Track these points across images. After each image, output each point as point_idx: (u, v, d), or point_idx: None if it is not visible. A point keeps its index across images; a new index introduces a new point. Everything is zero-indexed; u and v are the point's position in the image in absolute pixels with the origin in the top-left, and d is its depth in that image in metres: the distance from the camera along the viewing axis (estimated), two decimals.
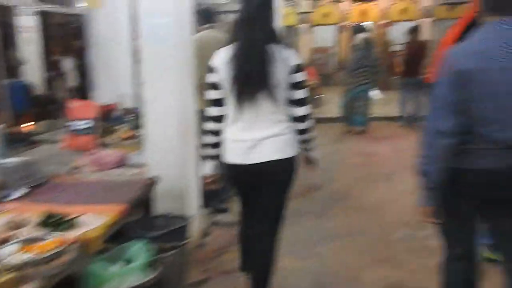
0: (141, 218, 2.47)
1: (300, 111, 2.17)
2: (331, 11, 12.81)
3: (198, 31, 3.62)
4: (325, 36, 13.62)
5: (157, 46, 2.79)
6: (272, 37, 2.11)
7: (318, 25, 13.27)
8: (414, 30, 7.54)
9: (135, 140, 3.44)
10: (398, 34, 12.74)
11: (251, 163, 2.14)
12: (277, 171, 2.19)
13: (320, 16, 12.92)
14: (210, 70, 2.16)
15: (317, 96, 9.02)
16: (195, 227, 3.03)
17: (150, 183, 2.56)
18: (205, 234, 3.35)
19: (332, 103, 8.73)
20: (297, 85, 2.13)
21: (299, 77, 2.13)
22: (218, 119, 2.20)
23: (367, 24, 14.03)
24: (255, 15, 2.09)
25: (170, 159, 2.83)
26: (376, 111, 7.68)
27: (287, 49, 2.13)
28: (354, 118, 7.14)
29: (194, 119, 3.11)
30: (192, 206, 3.08)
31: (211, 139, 2.25)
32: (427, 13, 11.98)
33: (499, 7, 1.68)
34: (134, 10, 3.52)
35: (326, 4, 12.22)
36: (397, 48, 10.66)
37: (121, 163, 2.87)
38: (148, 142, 2.89)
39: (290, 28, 13.18)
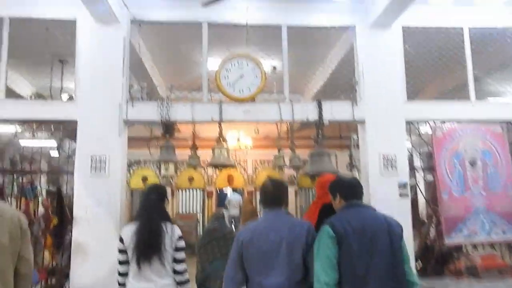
0: None
1: (180, 267, 3.12)
2: (195, 175, 12.16)
3: None
4: (190, 201, 12.79)
5: None
6: (164, 217, 3.17)
7: (182, 189, 12.45)
8: None
9: None
10: None
11: None
12: None
13: (184, 179, 12.16)
14: (120, 239, 3.15)
15: None
16: None
17: None
18: None
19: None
20: (179, 249, 3.12)
21: (181, 244, 3.14)
22: (124, 274, 3.12)
23: (233, 191, 13.89)
24: (152, 203, 3.19)
25: None
26: None
27: (173, 226, 3.17)
28: None
29: None
30: None
31: None
32: (291, 182, 11.95)
33: (265, 203, 2.91)
34: None
35: (189, 169, 11.51)
36: None
37: None
38: None
39: None
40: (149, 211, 3.11)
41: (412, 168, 5.38)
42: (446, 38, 5.53)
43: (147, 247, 2.99)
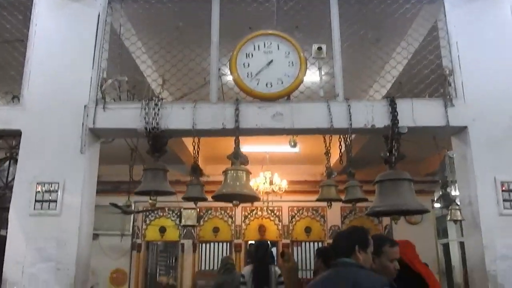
0: None
1: None
2: (221, 225, 10.25)
3: None
4: (214, 257, 10.69)
5: None
6: (271, 261, 5.34)
7: (205, 241, 10.45)
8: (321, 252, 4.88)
9: None
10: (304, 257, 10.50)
11: None
12: None
13: (208, 231, 10.24)
14: (242, 276, 5.12)
15: None
16: None
17: None
18: None
19: None
20: (279, 283, 5.05)
21: (280, 280, 5.05)
22: None
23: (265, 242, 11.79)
24: (263, 255, 5.21)
25: None
26: None
27: (275, 267, 5.21)
28: None
29: None
30: None
31: None
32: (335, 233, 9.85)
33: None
34: None
35: (215, 218, 9.70)
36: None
37: None
38: None
39: (171, 244, 10.43)
40: (262, 259, 5.17)
41: None
42: None
43: (261, 281, 4.93)
